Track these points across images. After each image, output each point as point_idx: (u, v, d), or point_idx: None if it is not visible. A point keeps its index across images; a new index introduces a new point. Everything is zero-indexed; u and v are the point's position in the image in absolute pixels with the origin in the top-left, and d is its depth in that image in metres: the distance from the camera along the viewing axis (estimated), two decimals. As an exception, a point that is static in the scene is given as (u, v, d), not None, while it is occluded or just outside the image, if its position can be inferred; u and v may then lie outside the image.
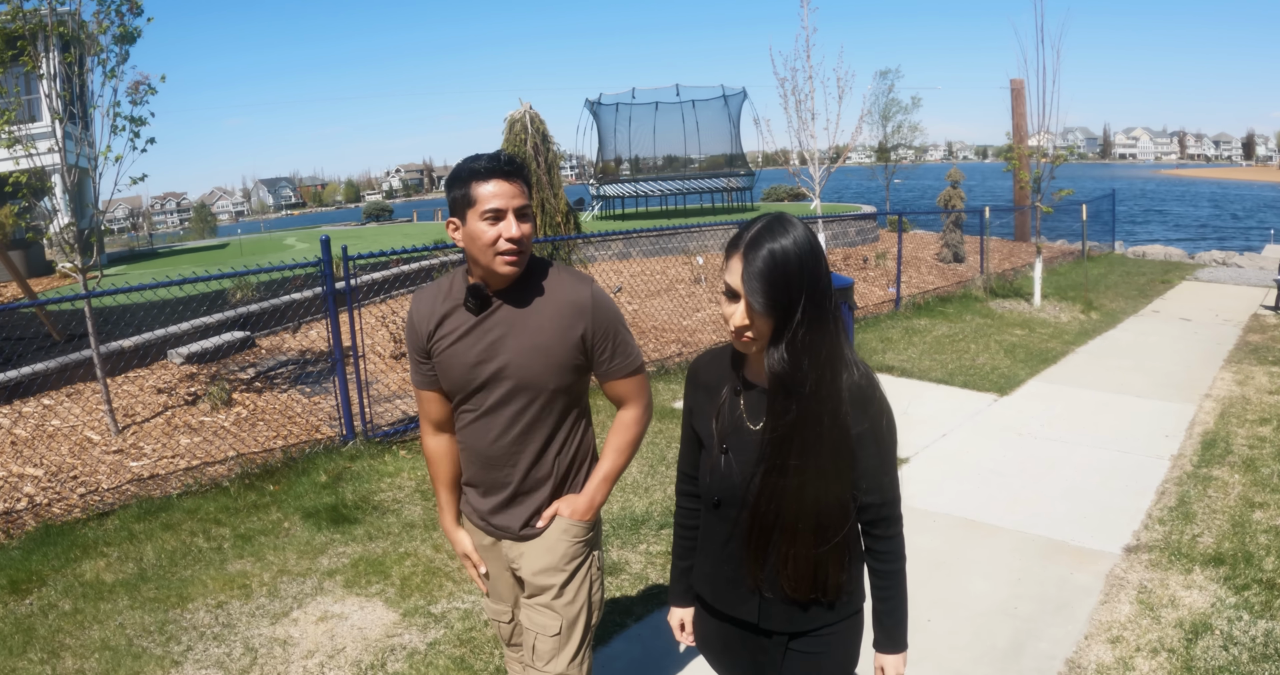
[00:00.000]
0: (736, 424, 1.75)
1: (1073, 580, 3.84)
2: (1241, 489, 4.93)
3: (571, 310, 2.05)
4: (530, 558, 2.15)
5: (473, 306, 2.05)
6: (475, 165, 1.98)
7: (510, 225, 1.96)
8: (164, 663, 3.49)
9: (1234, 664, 3.13)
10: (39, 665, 3.50)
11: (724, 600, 1.84)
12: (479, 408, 2.09)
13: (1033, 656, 3.23)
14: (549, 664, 2.14)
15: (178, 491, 5.34)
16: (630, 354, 2.15)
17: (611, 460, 2.19)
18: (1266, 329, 10.28)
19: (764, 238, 1.58)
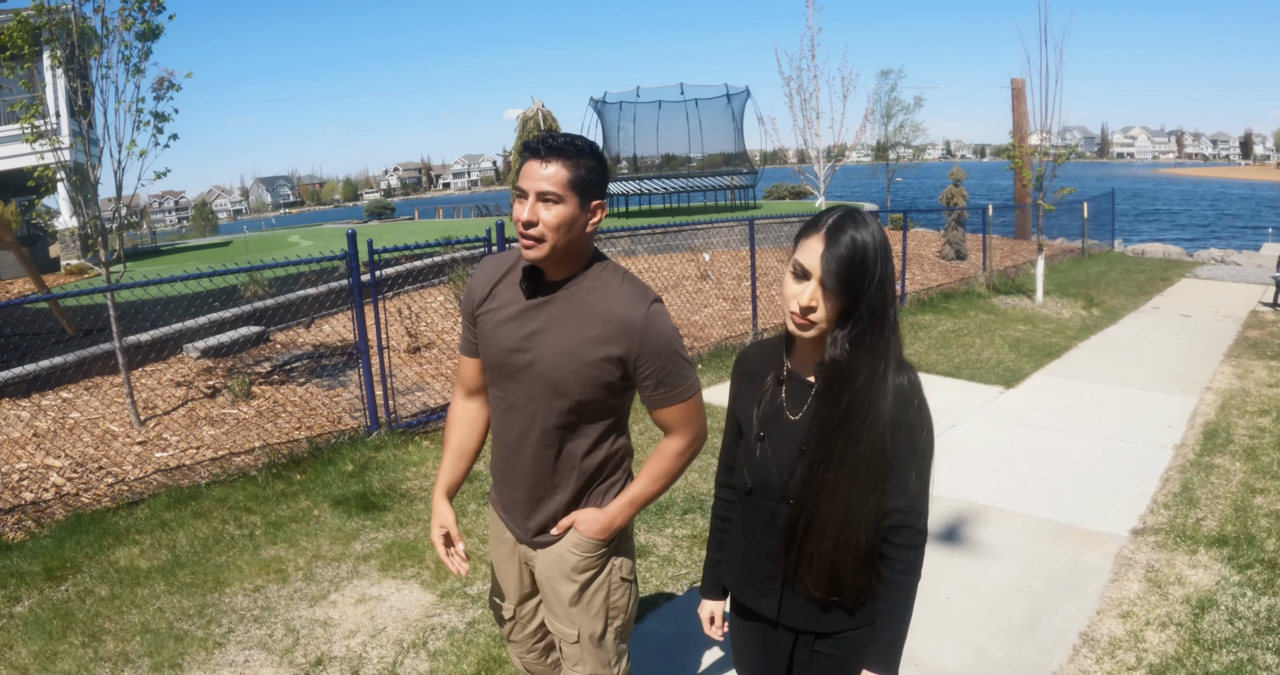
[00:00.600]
0: (776, 413, 1.76)
1: (1083, 560, 4.00)
2: (1243, 476, 5.09)
3: (618, 327, 1.92)
4: (542, 564, 2.13)
5: (525, 288, 2.00)
6: (530, 142, 1.94)
7: (526, 206, 1.89)
8: (206, 644, 3.59)
9: (1239, 636, 3.29)
10: (80, 649, 3.59)
11: (746, 594, 1.85)
12: (508, 397, 2.05)
13: (1048, 631, 3.39)
14: (578, 665, 2.14)
15: (206, 481, 5.46)
16: (678, 384, 1.99)
17: (643, 486, 2.08)
18: (1265, 325, 10.45)
19: (847, 224, 1.60)
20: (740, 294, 11.60)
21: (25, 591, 4.10)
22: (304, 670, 3.37)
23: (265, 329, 9.48)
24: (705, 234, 14.67)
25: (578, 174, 1.90)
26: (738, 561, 1.88)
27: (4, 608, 3.95)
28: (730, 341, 9.01)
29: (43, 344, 8.65)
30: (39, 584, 4.18)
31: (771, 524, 1.76)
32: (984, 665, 3.14)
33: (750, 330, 9.35)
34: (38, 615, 3.86)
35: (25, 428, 6.62)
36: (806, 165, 12.65)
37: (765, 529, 1.78)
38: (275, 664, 3.42)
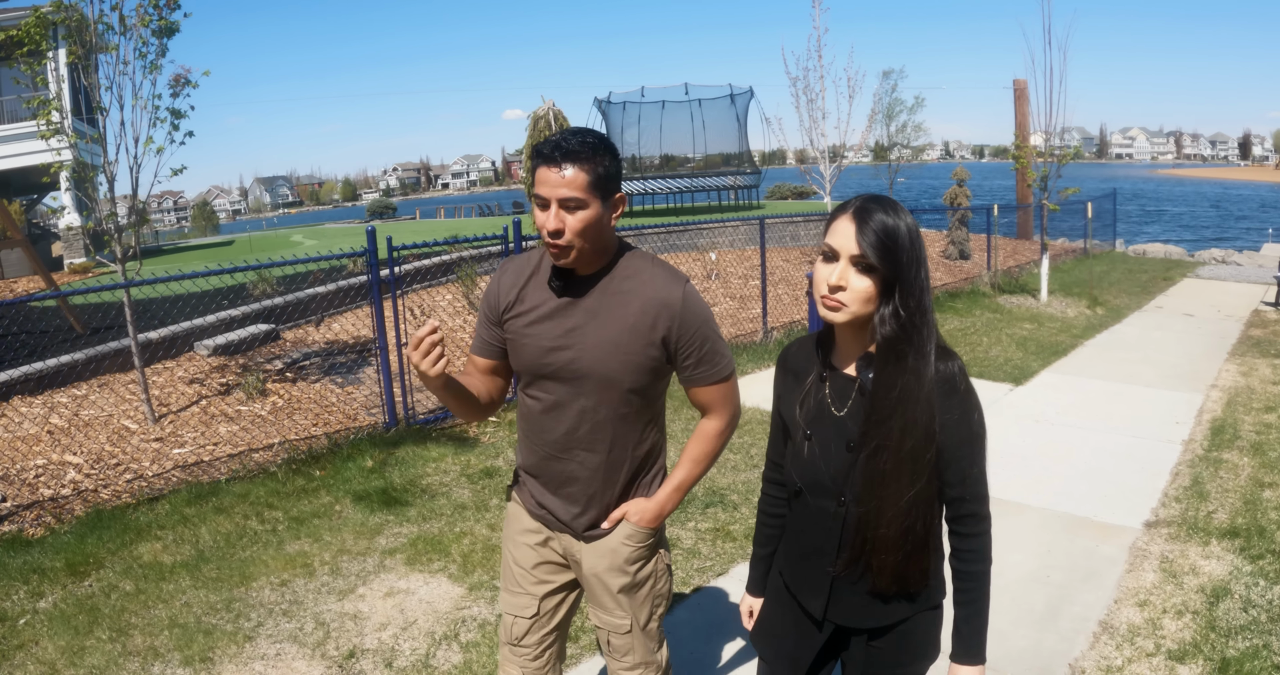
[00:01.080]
0: (820, 409, 1.74)
1: (1099, 552, 4.08)
2: (1251, 470, 5.16)
3: (658, 308, 1.95)
4: (591, 558, 2.11)
5: (556, 287, 1.99)
6: (541, 147, 1.89)
7: (550, 216, 1.87)
8: (236, 638, 3.61)
9: (1254, 624, 3.37)
10: (108, 643, 3.60)
11: (800, 591, 1.84)
12: (550, 396, 2.03)
13: (1068, 619, 3.47)
14: (627, 655, 2.17)
15: (226, 477, 5.50)
16: (718, 362, 2.03)
17: (687, 470, 2.11)
18: (1268, 324, 10.53)
19: (875, 206, 1.61)
20: (747, 292, 11.67)
21: (48, 587, 4.12)
22: (337, 663, 3.41)
23: (275, 327, 9.54)
24: (709, 234, 14.74)
25: (596, 174, 1.87)
26: (793, 559, 1.87)
27: (28, 603, 3.97)
28: (740, 340, 9.08)
29: (52, 342, 8.68)
30: (62, 579, 4.20)
31: (823, 522, 1.75)
32: (1008, 652, 3.21)
33: (760, 328, 9.41)
34: (62, 610, 3.88)
35: (39, 425, 6.66)
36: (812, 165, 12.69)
37: (817, 527, 1.76)
38: (308, 657, 3.46)
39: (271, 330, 9.41)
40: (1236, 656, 3.13)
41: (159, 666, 3.42)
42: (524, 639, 2.21)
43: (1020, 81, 19.47)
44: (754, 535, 2.03)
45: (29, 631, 3.71)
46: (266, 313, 9.85)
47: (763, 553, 2.00)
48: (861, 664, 1.80)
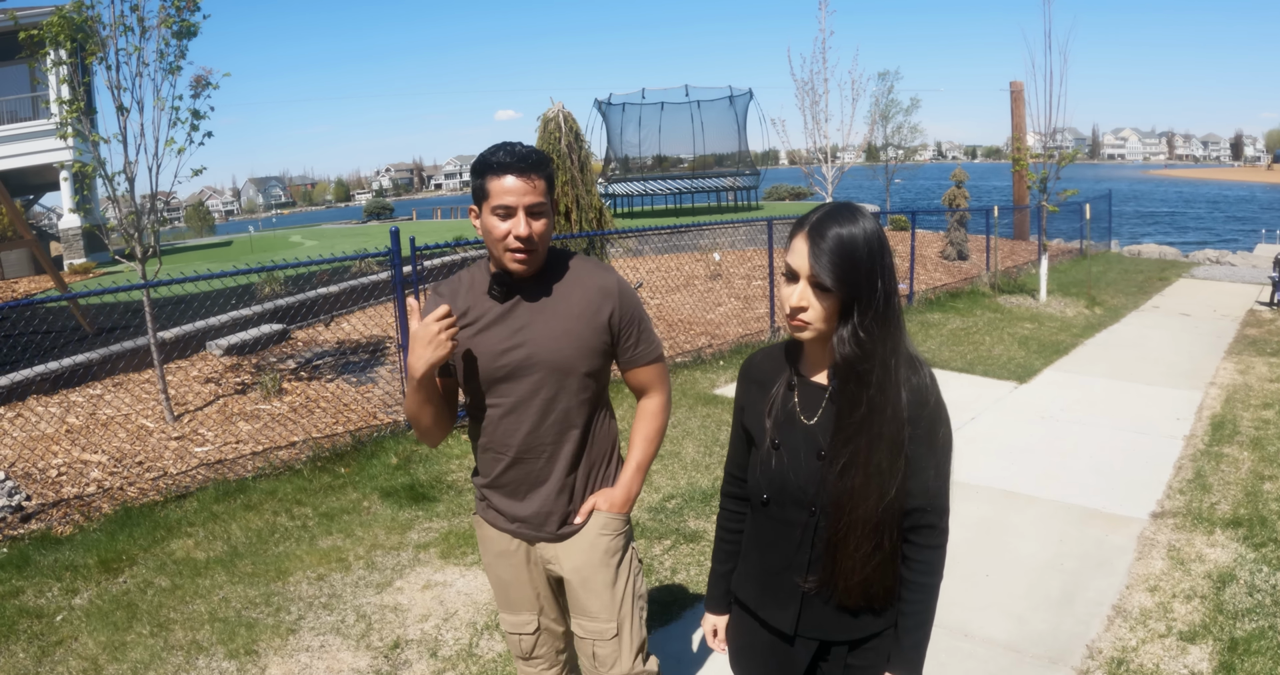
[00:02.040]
0: (789, 418, 1.72)
1: (1109, 541, 4.24)
2: (1251, 464, 5.33)
3: (599, 295, 2.05)
4: (570, 555, 2.13)
5: (498, 294, 2.04)
6: (493, 158, 1.95)
7: (519, 223, 1.93)
8: (279, 630, 3.67)
9: (1259, 607, 3.54)
10: (149, 638, 3.65)
11: (765, 607, 1.81)
12: (509, 398, 2.06)
13: (1083, 603, 3.63)
14: (614, 668, 2.15)
15: (252, 474, 5.59)
16: (653, 341, 2.16)
17: (642, 450, 2.19)
18: (1263, 323, 10.71)
19: (830, 221, 1.57)
20: (750, 293, 11.81)
21: (82, 584, 4.17)
22: (382, 653, 3.49)
23: (286, 327, 9.64)
24: (711, 234, 14.89)
25: (550, 181, 2.00)
26: (754, 574, 1.83)
27: (63, 600, 4.02)
28: (748, 339, 9.22)
29: (63, 342, 8.75)
30: (95, 576, 4.25)
31: (790, 534, 1.72)
32: (1027, 634, 3.37)
33: (767, 327, 9.56)
34: (99, 607, 3.93)
35: (57, 424, 6.74)
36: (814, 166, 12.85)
37: (784, 539, 1.73)
38: (353, 648, 3.54)
39: (282, 330, 9.52)
40: (1244, 637, 3.29)
41: (204, 660, 3.48)
42: (534, 652, 2.25)
43: (1017, 84, 19.67)
44: (714, 551, 2.01)
45: (67, 627, 3.77)
46: (277, 313, 9.96)
47: (722, 570, 1.97)
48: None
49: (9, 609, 3.92)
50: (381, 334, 9.47)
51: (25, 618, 3.86)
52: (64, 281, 10.78)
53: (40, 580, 4.21)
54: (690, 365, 8.08)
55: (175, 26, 6.45)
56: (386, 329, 9.61)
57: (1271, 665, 3.10)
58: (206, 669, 3.42)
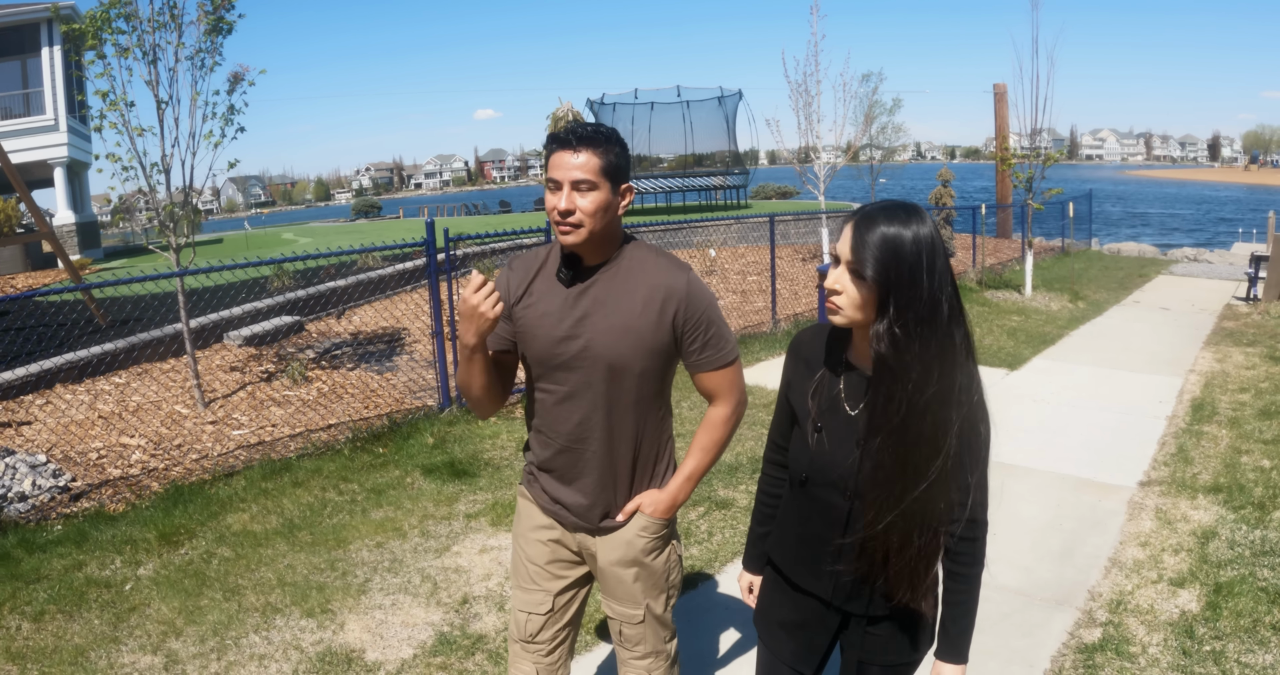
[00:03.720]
0: (834, 404, 1.74)
1: (1101, 506, 4.65)
2: (1229, 440, 5.76)
3: (665, 293, 2.01)
4: (606, 550, 2.15)
5: (565, 277, 2.04)
6: (557, 133, 1.98)
7: (562, 196, 1.94)
8: (350, 591, 3.91)
9: (1239, 558, 3.95)
10: (223, 602, 3.85)
11: (798, 574, 1.86)
12: (563, 387, 2.06)
13: (1082, 556, 4.04)
14: (639, 645, 2.21)
15: (295, 454, 5.87)
16: (723, 347, 2.08)
17: (697, 459, 2.15)
18: (1239, 317, 11.20)
19: (879, 216, 1.59)
20: (746, 287, 12.21)
21: (144, 556, 4.37)
22: (453, 608, 3.77)
23: (301, 319, 9.91)
24: (703, 232, 15.27)
25: (608, 160, 1.96)
26: (790, 543, 1.88)
27: (128, 571, 4.23)
28: (749, 331, 9.61)
29: (78, 334, 8.88)
30: (156, 549, 4.46)
31: (826, 515, 1.76)
32: (1035, 582, 3.78)
33: (769, 320, 9.94)
34: (166, 576, 4.14)
35: (88, 410, 6.97)
36: (808, 166, 13.25)
37: (820, 518, 1.78)
38: (424, 605, 3.81)
39: (297, 322, 9.78)
40: (1227, 582, 3.70)
41: (281, 619, 3.70)
42: (538, 636, 2.23)
43: (1000, 85, 20.16)
44: (753, 512, 2.07)
45: (138, 595, 3.97)
46: (290, 305, 10.23)
47: (761, 531, 2.02)
48: (859, 648, 1.83)
49: (76, 580, 4.12)
50: (394, 325, 9.77)
51: (94, 588, 4.05)
52: (78, 273, 10.97)
53: (101, 554, 4.42)
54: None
55: (209, 24, 6.64)
56: (399, 320, 9.92)
57: (1253, 604, 3.50)
58: (285, 627, 3.65)
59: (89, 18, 6.39)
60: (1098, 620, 3.46)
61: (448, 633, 3.58)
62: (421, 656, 3.41)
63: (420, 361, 8.47)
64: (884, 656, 1.82)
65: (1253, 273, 12.81)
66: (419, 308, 10.47)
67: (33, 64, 21.30)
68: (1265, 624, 3.36)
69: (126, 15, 6.38)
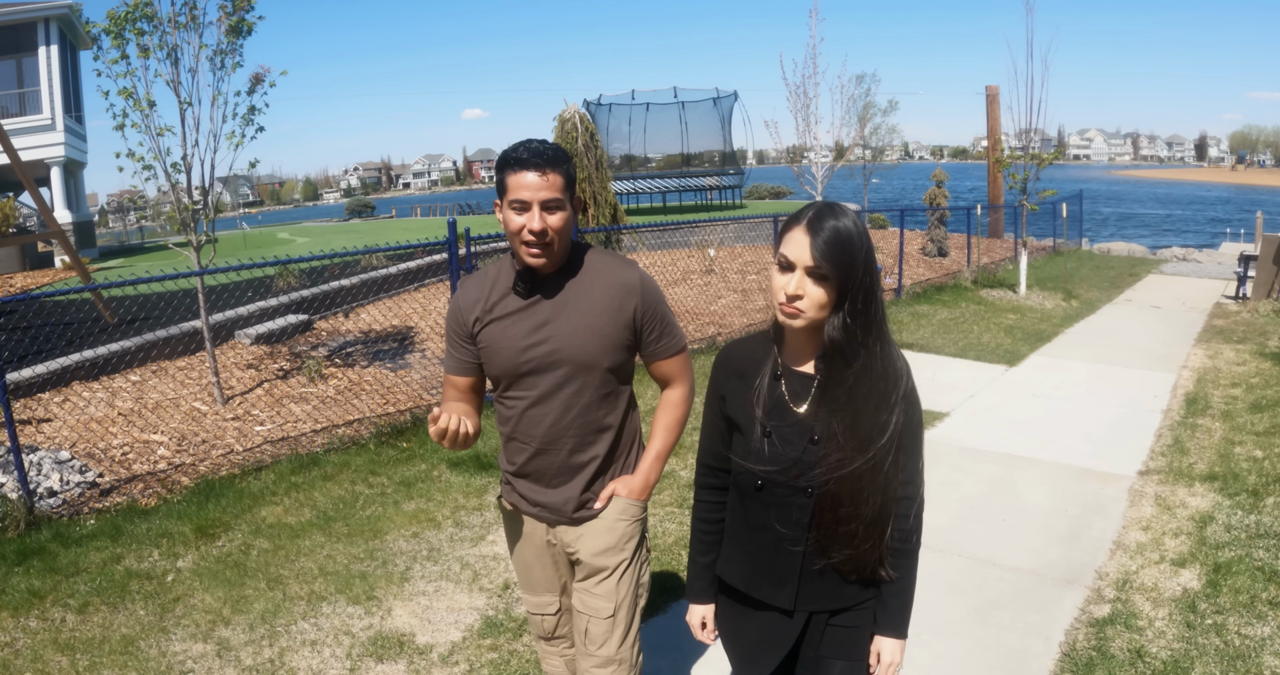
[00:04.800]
0: (779, 407, 1.79)
1: (1103, 493, 4.88)
2: (1223, 432, 5.99)
3: (622, 290, 2.09)
4: (589, 539, 2.19)
5: (522, 290, 2.08)
6: (513, 154, 2.00)
7: (534, 217, 1.97)
8: (392, 579, 4.03)
9: (1236, 540, 4.18)
10: (267, 591, 3.94)
11: (760, 589, 1.87)
12: (533, 392, 2.11)
13: (1088, 539, 4.26)
14: (601, 647, 2.19)
15: (322, 449, 6.00)
16: (675, 334, 2.20)
17: (662, 439, 2.24)
18: (1229, 315, 11.47)
19: (827, 214, 1.68)
20: (745, 286, 12.40)
21: (182, 548, 4.48)
22: (495, 593, 3.90)
23: (310, 318, 10.05)
24: (701, 231, 15.46)
25: (568, 177, 2.04)
26: (743, 559, 1.90)
27: (167, 563, 4.33)
28: (755, 327, 9.79)
29: (86, 332, 8.91)
30: (193, 541, 4.56)
31: (786, 515, 1.79)
32: (1045, 563, 3.99)
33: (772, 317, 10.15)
34: (207, 567, 4.24)
35: (107, 408, 7.06)
36: (804, 166, 13.47)
37: (780, 521, 1.80)
38: (466, 590, 3.93)
39: (306, 320, 9.92)
40: (1226, 562, 3.92)
41: (327, 607, 3.81)
42: (557, 631, 2.33)
43: (993, 88, 20.45)
44: (691, 543, 2.04)
45: (180, 586, 4.06)
46: (298, 304, 10.37)
47: (704, 561, 2.01)
48: (819, 643, 1.87)
49: (116, 572, 4.22)
50: (403, 324, 9.92)
51: (135, 580, 4.15)
52: (87, 272, 11.09)
53: (138, 547, 4.52)
54: (706, 351, 8.66)
55: (230, 24, 6.70)
56: (407, 319, 10.07)
57: (1250, 582, 3.72)
58: (333, 614, 3.76)
59: (111, 17, 6.44)
60: (1106, 597, 3.67)
61: (493, 616, 3.73)
62: (471, 639, 3.56)
63: (432, 359, 8.63)
64: (845, 649, 1.86)
65: (1242, 272, 13.10)
66: (426, 306, 10.64)
67: (29, 63, 21.34)
68: (1262, 600, 3.58)
69: (148, 16, 6.48)
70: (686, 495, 5.00)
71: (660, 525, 4.63)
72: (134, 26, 6.44)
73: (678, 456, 5.68)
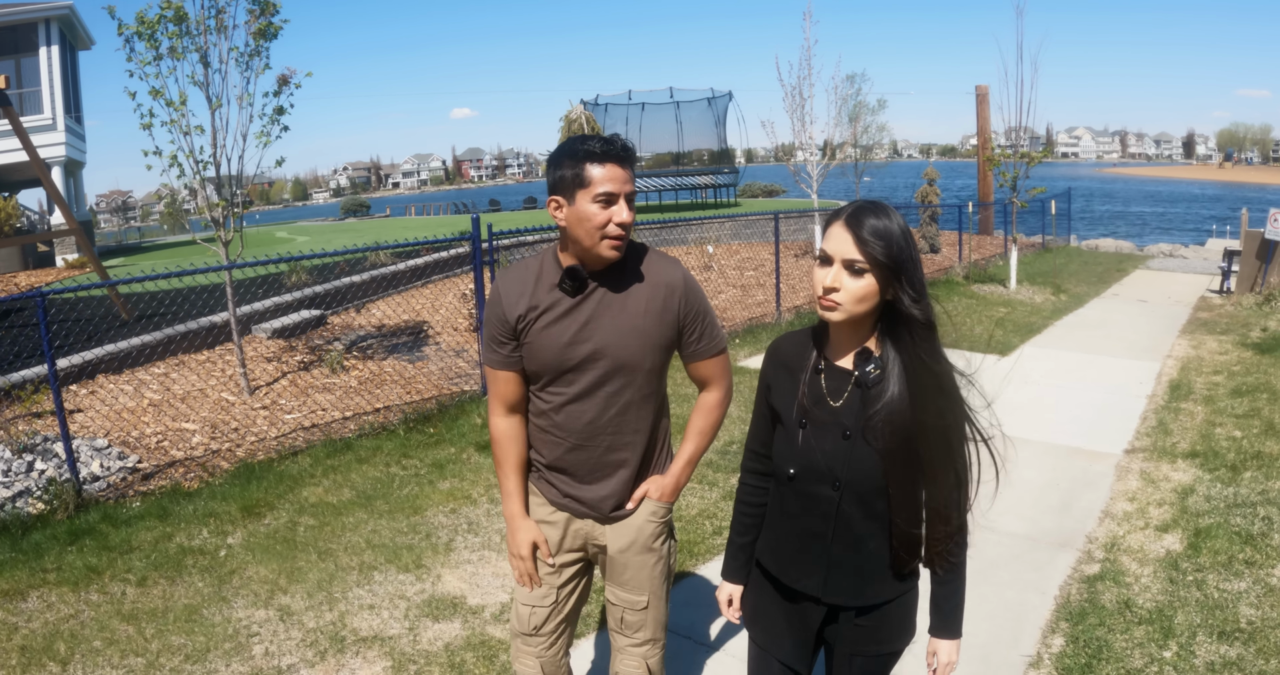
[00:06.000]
0: (817, 400, 1.83)
1: (1092, 469, 5.25)
2: (1204, 415, 6.36)
3: (666, 291, 2.09)
4: (616, 537, 2.22)
5: (569, 288, 2.07)
6: (589, 146, 1.99)
7: (622, 210, 1.98)
8: (437, 549, 4.29)
9: (1215, 509, 4.54)
10: (319, 563, 4.17)
11: (789, 573, 1.93)
12: (572, 388, 2.12)
13: (1078, 510, 4.62)
14: (638, 632, 2.29)
15: (353, 434, 6.27)
16: (716, 335, 2.20)
17: (695, 443, 2.25)
18: (1213, 308, 11.87)
19: (866, 211, 1.72)
20: (744, 282, 12.75)
21: (230, 526, 4.73)
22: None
23: (324, 312, 10.32)
24: (698, 229, 15.79)
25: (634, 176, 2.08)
26: (776, 545, 1.96)
27: (217, 540, 4.57)
28: (756, 321, 10.17)
29: (105, 328, 9.16)
30: (240, 520, 4.81)
31: (818, 506, 1.84)
32: (1039, 529, 4.36)
33: (773, 312, 10.50)
34: (257, 542, 4.47)
35: (136, 398, 7.34)
36: (800, 164, 13.82)
37: (811, 512, 1.85)
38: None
39: (321, 316, 10.20)
40: (1205, 527, 4.29)
41: (379, 575, 4.06)
42: (542, 628, 2.31)
43: (982, 87, 20.82)
44: (732, 523, 2.10)
45: (233, 561, 4.29)
46: (312, 299, 10.63)
47: (742, 541, 2.07)
48: (849, 641, 1.91)
49: (169, 549, 4.46)
50: (414, 318, 10.22)
51: (189, 555, 4.39)
52: (104, 269, 11.34)
53: (186, 526, 4.77)
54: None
55: (258, 27, 6.87)
56: (418, 314, 10.37)
57: (1228, 545, 4.09)
58: (385, 581, 4.02)
59: (140, 18, 6.66)
60: (1096, 558, 4.03)
61: (536, 579, 4.05)
62: (518, 600, 3.88)
63: (447, 351, 8.93)
64: (871, 647, 1.91)
65: (1226, 267, 13.51)
66: (435, 301, 10.92)
67: (30, 63, 21.48)
68: (1239, 560, 3.94)
69: (179, 18, 6.71)
70: (705, 472, 5.35)
71: (683, 499, 4.95)
72: (166, 29, 6.69)
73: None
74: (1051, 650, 3.29)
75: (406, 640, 3.57)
